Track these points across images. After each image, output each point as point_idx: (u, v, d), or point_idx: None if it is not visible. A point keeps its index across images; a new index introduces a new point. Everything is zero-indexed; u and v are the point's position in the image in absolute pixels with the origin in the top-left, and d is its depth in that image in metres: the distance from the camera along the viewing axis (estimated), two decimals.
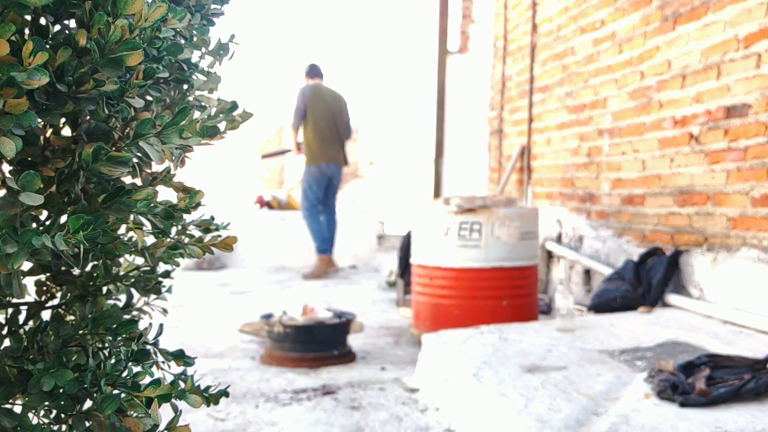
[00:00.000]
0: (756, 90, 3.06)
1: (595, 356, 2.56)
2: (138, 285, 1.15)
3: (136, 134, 0.89)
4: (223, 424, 2.40)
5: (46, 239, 0.78)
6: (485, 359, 2.55)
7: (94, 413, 0.92)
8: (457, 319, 3.44)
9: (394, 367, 3.20)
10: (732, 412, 1.91)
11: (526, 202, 5.31)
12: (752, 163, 3.08)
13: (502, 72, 5.92)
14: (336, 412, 2.52)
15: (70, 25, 0.91)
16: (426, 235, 3.65)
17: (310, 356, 3.23)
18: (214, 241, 1.10)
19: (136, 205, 0.90)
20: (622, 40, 4.13)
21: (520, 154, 5.44)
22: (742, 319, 2.94)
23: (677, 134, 3.60)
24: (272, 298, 5.11)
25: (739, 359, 2.22)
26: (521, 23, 5.61)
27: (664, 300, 3.45)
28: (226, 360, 3.33)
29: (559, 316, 3.02)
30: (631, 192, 4.00)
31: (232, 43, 1.15)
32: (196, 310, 4.65)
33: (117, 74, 0.84)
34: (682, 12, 3.58)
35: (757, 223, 3.05)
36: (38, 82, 0.76)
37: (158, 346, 1.08)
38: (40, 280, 1.09)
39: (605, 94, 4.30)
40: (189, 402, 1.01)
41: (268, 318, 3.43)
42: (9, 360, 0.95)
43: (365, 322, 4.01)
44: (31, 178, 0.78)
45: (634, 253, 3.87)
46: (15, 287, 0.92)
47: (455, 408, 2.41)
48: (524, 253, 3.59)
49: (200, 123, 1.06)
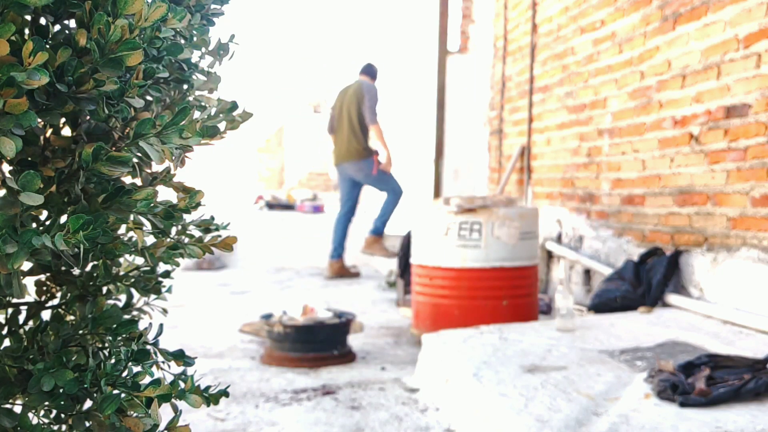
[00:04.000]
0: (756, 90, 3.06)
1: (595, 356, 2.56)
2: (138, 285, 1.15)
3: (136, 134, 0.89)
4: (223, 424, 2.40)
5: (46, 239, 0.78)
6: (485, 359, 2.55)
7: (94, 413, 0.92)
8: (457, 319, 3.44)
9: (394, 367, 3.20)
10: (732, 412, 1.91)
11: (526, 202, 5.31)
12: (752, 163, 3.08)
13: (502, 72, 5.92)
14: (336, 412, 2.52)
15: (70, 25, 0.91)
16: (426, 235, 3.65)
17: (310, 356, 3.23)
18: (214, 241, 1.10)
19: (136, 205, 0.90)
20: (622, 40, 4.13)
21: (520, 154, 5.44)
22: (742, 319, 2.94)
23: (677, 134, 3.60)
24: (272, 298, 5.11)
25: (739, 359, 2.22)
26: (521, 23, 5.61)
27: (664, 300, 3.45)
28: (226, 360, 3.33)
29: (559, 316, 3.02)
30: (631, 192, 4.00)
31: (232, 43, 1.15)
32: (196, 310, 4.65)
33: (117, 74, 0.84)
34: (682, 12, 3.58)
35: (757, 223, 3.05)
36: (38, 82, 0.76)
37: (158, 346, 1.08)
38: (40, 280, 1.09)
39: (605, 94, 4.30)
40: (189, 402, 1.01)
41: (268, 318, 3.43)
42: (9, 360, 0.95)
43: (365, 322, 4.01)
44: (31, 178, 0.78)
45: (634, 253, 3.87)
46: (15, 287, 0.91)
47: (455, 408, 2.41)
48: (524, 253, 3.59)
49: (200, 123, 1.06)
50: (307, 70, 14.24)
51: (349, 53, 12.42)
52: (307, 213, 7.81)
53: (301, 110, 14.08)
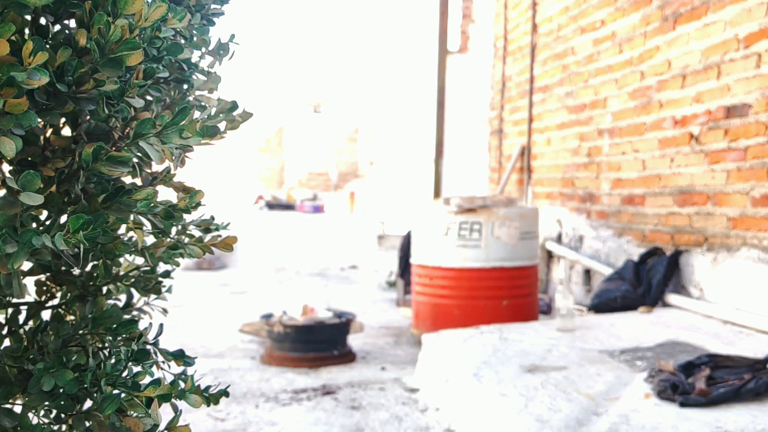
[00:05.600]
0: (756, 90, 3.06)
1: (595, 356, 2.56)
2: (138, 285, 1.15)
3: (136, 134, 0.89)
4: (223, 424, 2.40)
5: (46, 239, 0.78)
6: (485, 359, 2.55)
7: (94, 413, 0.92)
8: (457, 319, 3.44)
9: (394, 367, 3.19)
10: (732, 412, 1.91)
11: (526, 202, 5.31)
12: (752, 163, 3.08)
13: (502, 72, 5.92)
14: (336, 412, 2.52)
15: (70, 25, 0.91)
16: (426, 235, 3.65)
17: (310, 356, 3.23)
18: (214, 241, 1.10)
19: (136, 205, 0.90)
20: (622, 40, 4.13)
21: (520, 154, 5.44)
22: (742, 319, 2.94)
23: (677, 134, 3.60)
24: (272, 298, 5.11)
25: (739, 359, 2.22)
26: (521, 23, 5.61)
27: (665, 300, 3.45)
28: (226, 360, 3.33)
29: (559, 316, 3.02)
30: (631, 192, 4.00)
31: (232, 43, 1.15)
32: (196, 310, 4.65)
33: (117, 74, 0.84)
34: (682, 12, 3.58)
35: (757, 223, 3.04)
36: (38, 82, 0.76)
37: (158, 346, 1.08)
38: (40, 280, 1.09)
39: (605, 94, 4.30)
40: (189, 402, 1.01)
41: (268, 318, 3.43)
42: (9, 360, 0.95)
43: (365, 322, 4.00)
44: (31, 178, 0.78)
45: (634, 253, 3.87)
46: (15, 287, 0.91)
47: (455, 408, 2.41)
48: (524, 253, 3.59)
49: (200, 123, 1.06)
50: (307, 70, 14.23)
51: (349, 53, 12.41)
52: (307, 213, 7.80)
53: (301, 110, 14.07)
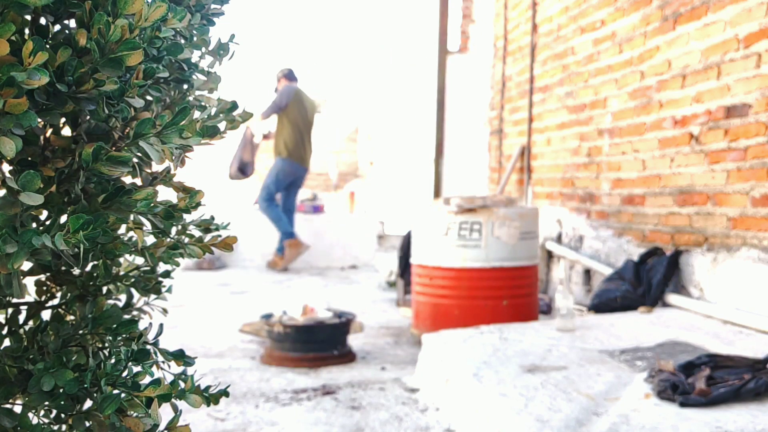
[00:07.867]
0: (756, 90, 3.06)
1: (595, 356, 2.56)
2: (138, 285, 1.15)
3: (136, 134, 0.89)
4: (223, 424, 2.40)
5: (46, 239, 0.78)
6: (485, 359, 2.55)
7: (94, 413, 0.92)
8: (457, 319, 3.44)
9: (394, 367, 3.20)
10: (732, 412, 1.91)
11: (526, 202, 5.31)
12: (752, 163, 3.08)
13: (502, 72, 5.92)
14: (336, 412, 2.52)
15: (70, 25, 0.91)
16: (426, 235, 3.65)
17: (310, 356, 3.23)
18: (214, 241, 1.09)
19: (136, 205, 0.90)
20: (622, 39, 4.13)
21: (520, 154, 5.44)
22: (743, 319, 2.94)
23: (677, 134, 3.60)
24: (272, 298, 5.11)
25: (739, 359, 2.22)
26: (521, 23, 5.61)
27: (664, 300, 3.45)
28: (226, 360, 3.33)
29: (559, 316, 3.02)
30: (631, 192, 4.00)
31: (232, 43, 1.15)
32: (196, 310, 4.65)
33: (117, 74, 0.84)
34: (682, 12, 3.58)
35: (757, 223, 3.05)
36: (38, 82, 0.76)
37: (158, 346, 1.08)
38: (40, 280, 1.09)
39: (605, 94, 4.30)
40: (189, 402, 1.01)
41: (268, 318, 3.43)
42: (9, 360, 0.95)
43: (365, 322, 4.00)
44: (31, 178, 0.78)
45: (634, 253, 3.87)
46: (15, 287, 0.91)
47: (455, 408, 2.41)
48: (524, 253, 3.59)
49: (200, 123, 1.06)
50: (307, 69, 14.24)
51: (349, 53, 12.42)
52: (307, 213, 7.78)
53: None
